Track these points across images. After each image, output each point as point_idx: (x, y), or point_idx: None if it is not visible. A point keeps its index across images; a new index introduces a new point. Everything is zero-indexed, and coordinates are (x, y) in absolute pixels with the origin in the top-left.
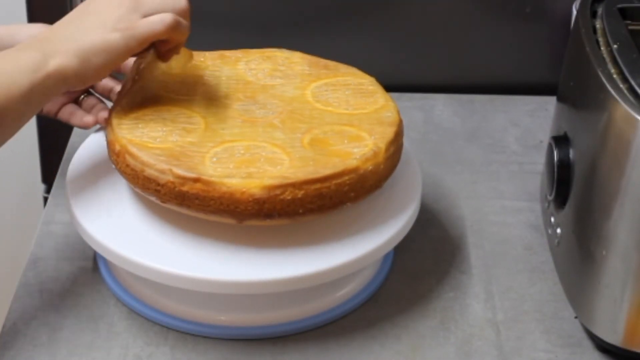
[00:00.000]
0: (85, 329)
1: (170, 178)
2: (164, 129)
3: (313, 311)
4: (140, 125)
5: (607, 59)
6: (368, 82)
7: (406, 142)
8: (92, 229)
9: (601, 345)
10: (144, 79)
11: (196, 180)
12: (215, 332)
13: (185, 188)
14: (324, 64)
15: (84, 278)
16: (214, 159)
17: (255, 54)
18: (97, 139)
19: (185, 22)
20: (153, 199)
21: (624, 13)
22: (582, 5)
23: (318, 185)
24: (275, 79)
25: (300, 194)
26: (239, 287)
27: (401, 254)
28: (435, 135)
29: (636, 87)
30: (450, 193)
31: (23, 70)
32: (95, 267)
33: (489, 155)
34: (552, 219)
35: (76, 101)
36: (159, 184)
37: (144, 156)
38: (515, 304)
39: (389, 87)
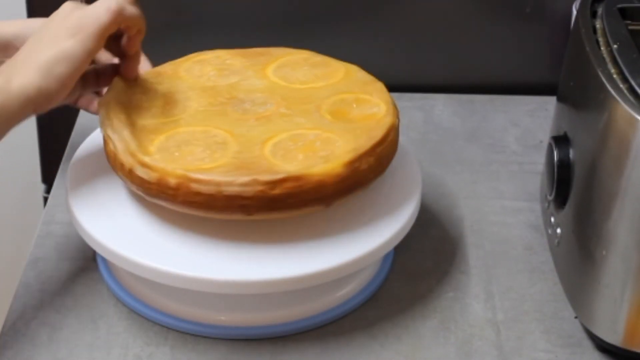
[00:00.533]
0: (85, 329)
1: (259, 187)
2: (199, 148)
3: (313, 311)
4: (176, 154)
5: (607, 59)
6: (310, 55)
7: (406, 142)
8: (92, 229)
9: (601, 345)
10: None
11: (285, 180)
12: (215, 332)
13: (276, 191)
14: (254, 52)
15: (84, 278)
16: (278, 156)
17: (185, 62)
18: (97, 138)
19: (131, 6)
20: (238, 216)
21: (624, 13)
22: (582, 5)
23: (380, 148)
24: (230, 77)
25: (372, 160)
26: (239, 287)
27: (401, 254)
28: (435, 135)
29: (636, 87)
30: (450, 193)
31: None
32: (95, 267)
33: (489, 155)
34: (552, 219)
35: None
36: (245, 198)
37: (216, 177)
38: (515, 304)
39: (389, 87)
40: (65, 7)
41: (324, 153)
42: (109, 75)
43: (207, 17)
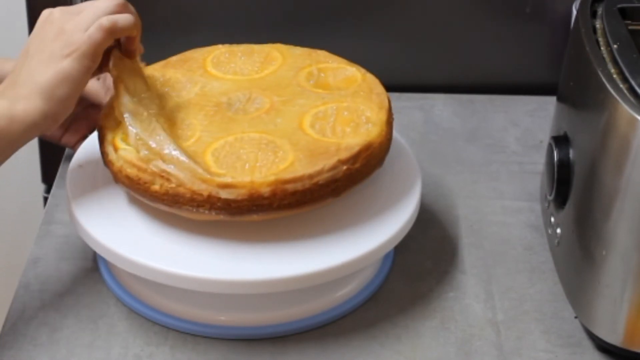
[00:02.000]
0: (85, 329)
1: (344, 167)
2: (257, 153)
3: (313, 311)
4: (239, 165)
5: (607, 59)
6: (227, 48)
7: (406, 142)
8: (92, 229)
9: (601, 345)
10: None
11: (359, 152)
12: (215, 332)
13: (357, 165)
14: (177, 61)
15: (84, 278)
16: (328, 134)
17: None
18: (97, 138)
19: (122, 16)
20: (328, 201)
21: (624, 13)
22: (582, 5)
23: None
24: (189, 89)
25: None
26: (239, 287)
27: (401, 254)
28: (435, 135)
29: (636, 87)
30: (450, 193)
31: None
32: (95, 267)
33: (489, 155)
34: (552, 219)
35: None
36: (336, 180)
37: (306, 171)
38: (515, 304)
39: (389, 87)
40: (54, 15)
41: (360, 120)
42: (96, 111)
43: (204, 16)
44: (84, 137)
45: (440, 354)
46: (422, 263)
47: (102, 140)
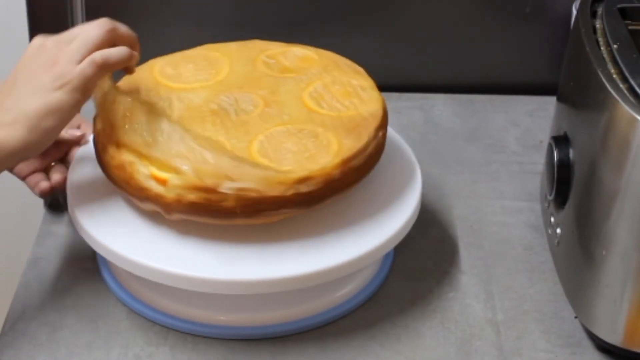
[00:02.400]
0: (85, 328)
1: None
2: (297, 144)
3: (313, 311)
4: (290, 156)
5: (607, 59)
6: (155, 61)
7: (406, 142)
8: (92, 229)
9: (601, 345)
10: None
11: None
12: (215, 332)
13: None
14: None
15: (84, 278)
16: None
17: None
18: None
19: (115, 51)
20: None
21: (624, 13)
22: (582, 5)
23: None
24: (173, 103)
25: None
26: (239, 287)
27: (401, 254)
28: (435, 135)
29: (636, 87)
30: (450, 193)
31: None
32: (95, 267)
33: (489, 155)
34: (552, 219)
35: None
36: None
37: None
38: (515, 304)
39: (389, 87)
40: (46, 45)
41: (355, 90)
42: (68, 148)
43: (205, 16)
44: (35, 171)
45: (440, 354)
46: (422, 263)
47: (128, 179)
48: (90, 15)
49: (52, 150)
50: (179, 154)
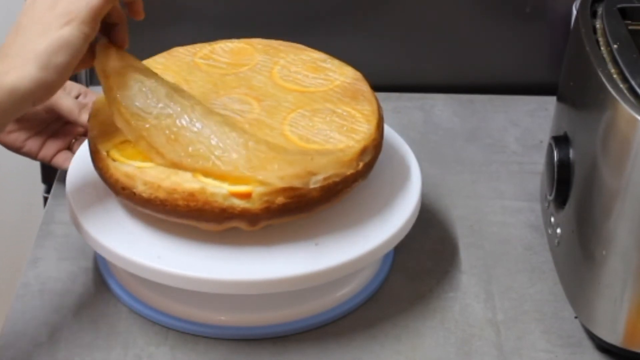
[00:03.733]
0: (85, 329)
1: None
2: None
3: (313, 311)
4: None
5: (607, 59)
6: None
7: (406, 142)
8: (92, 229)
9: (601, 345)
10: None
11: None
12: (215, 332)
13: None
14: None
15: (84, 278)
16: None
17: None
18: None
19: None
20: None
21: (624, 13)
22: (582, 5)
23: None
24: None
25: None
26: (239, 287)
27: (401, 254)
28: (435, 135)
29: (636, 87)
30: (450, 193)
31: None
32: (95, 267)
33: (489, 155)
34: (552, 219)
35: (70, 147)
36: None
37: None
38: (515, 304)
39: (389, 87)
40: None
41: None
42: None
43: (204, 16)
44: (59, 152)
45: (440, 354)
46: (422, 263)
47: (201, 208)
48: None
49: (73, 128)
50: (248, 161)
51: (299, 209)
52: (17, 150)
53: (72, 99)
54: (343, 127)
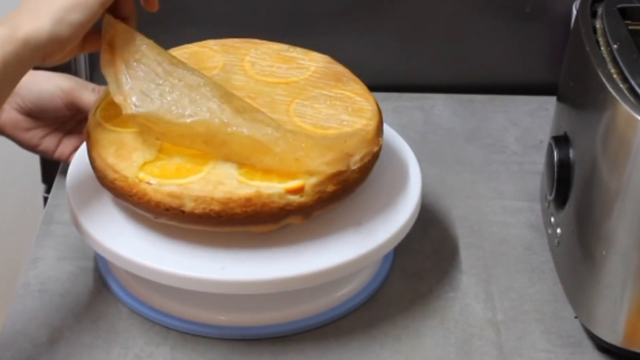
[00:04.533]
0: (85, 329)
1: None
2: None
3: (313, 311)
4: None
5: (607, 59)
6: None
7: (406, 142)
8: (92, 229)
9: (601, 345)
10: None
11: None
12: (215, 332)
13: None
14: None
15: (84, 278)
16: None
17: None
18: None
19: None
20: None
21: (624, 13)
22: (582, 5)
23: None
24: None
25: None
26: (239, 287)
27: (401, 254)
28: (435, 135)
29: (636, 87)
30: (450, 193)
31: None
32: (95, 267)
33: (489, 155)
34: (552, 219)
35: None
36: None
37: None
38: (515, 304)
39: (389, 87)
40: None
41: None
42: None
43: (202, 16)
44: (76, 149)
45: (440, 354)
46: (422, 263)
47: (259, 212)
48: None
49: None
50: (293, 153)
51: (345, 193)
52: (34, 148)
53: (92, 94)
54: (348, 109)
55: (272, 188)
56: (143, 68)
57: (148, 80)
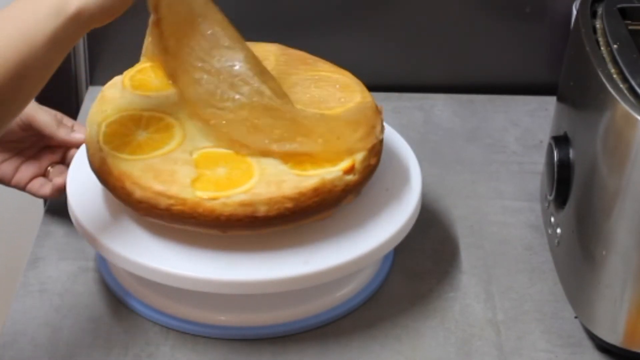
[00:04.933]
0: (85, 329)
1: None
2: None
3: (313, 311)
4: None
5: (607, 59)
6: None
7: (406, 142)
8: (92, 229)
9: (601, 345)
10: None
11: None
12: (215, 332)
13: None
14: None
15: (84, 278)
16: None
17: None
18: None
19: None
20: None
21: (624, 13)
22: (582, 5)
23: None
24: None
25: None
26: (239, 287)
27: (401, 254)
28: (435, 135)
29: (636, 87)
30: (450, 193)
31: (44, 17)
32: (95, 267)
33: (489, 155)
34: (552, 219)
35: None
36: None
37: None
38: (515, 304)
39: (389, 87)
40: None
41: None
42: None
43: None
44: (34, 178)
45: (440, 354)
46: (422, 263)
47: (325, 198)
48: None
49: (49, 154)
50: (333, 133)
51: (377, 163)
52: None
53: (50, 113)
54: (336, 87)
55: (331, 173)
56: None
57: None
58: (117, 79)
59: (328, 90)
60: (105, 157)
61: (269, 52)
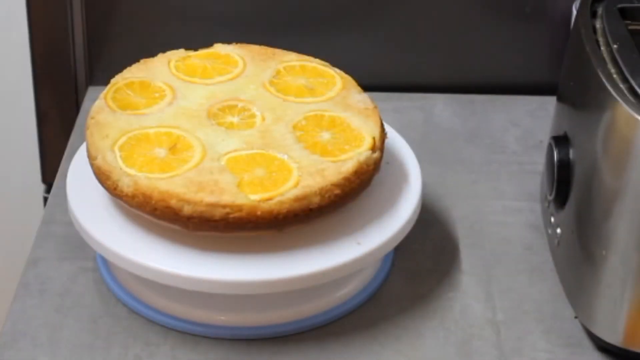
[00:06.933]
0: (85, 329)
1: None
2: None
3: (313, 311)
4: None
5: (607, 59)
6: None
7: (406, 142)
8: (92, 229)
9: (601, 345)
10: None
11: None
12: (215, 332)
13: None
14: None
15: (84, 278)
16: None
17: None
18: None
19: None
20: None
21: (624, 13)
22: (582, 5)
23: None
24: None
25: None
26: (239, 287)
27: (401, 254)
28: (435, 135)
29: (636, 87)
30: (450, 193)
31: None
32: (95, 267)
33: (489, 155)
34: (552, 219)
35: None
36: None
37: None
38: (515, 304)
39: (389, 87)
40: None
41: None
42: None
43: (197, 16)
44: None
45: (440, 354)
46: (422, 263)
47: (360, 176)
48: (90, 15)
49: None
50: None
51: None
52: None
53: None
54: (317, 74)
55: (362, 153)
56: None
57: None
58: (99, 104)
59: (317, 79)
60: (137, 180)
61: (234, 52)
